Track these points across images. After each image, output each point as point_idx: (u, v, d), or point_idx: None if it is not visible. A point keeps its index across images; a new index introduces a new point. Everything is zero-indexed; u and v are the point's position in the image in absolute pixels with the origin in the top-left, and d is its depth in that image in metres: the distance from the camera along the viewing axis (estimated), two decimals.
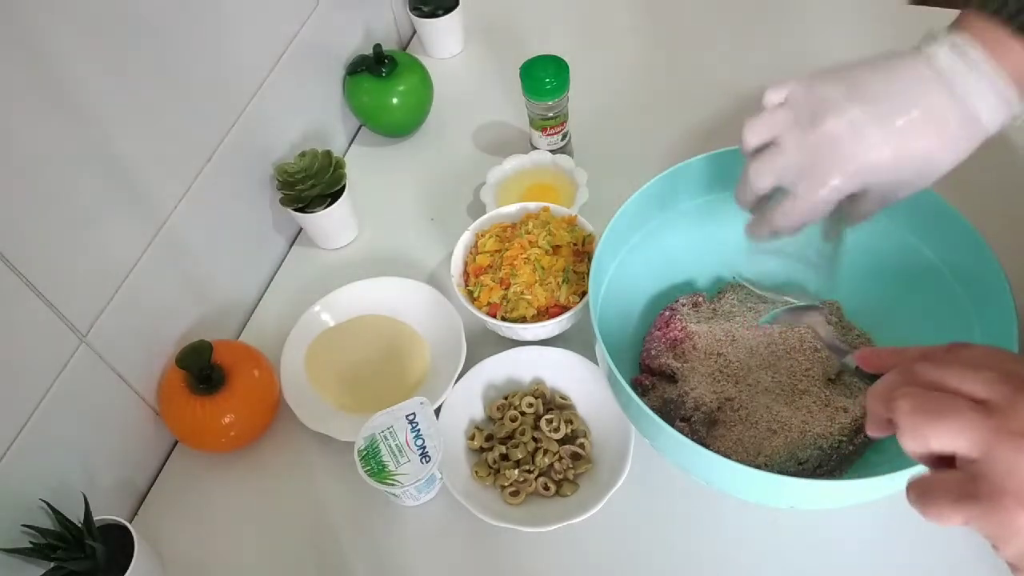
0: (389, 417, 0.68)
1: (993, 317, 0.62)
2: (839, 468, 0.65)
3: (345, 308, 0.83)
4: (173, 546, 0.72)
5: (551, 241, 0.77)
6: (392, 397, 0.74)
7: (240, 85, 0.82)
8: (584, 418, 0.74)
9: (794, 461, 0.65)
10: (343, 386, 0.79)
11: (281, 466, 0.76)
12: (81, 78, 0.62)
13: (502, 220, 0.82)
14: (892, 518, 0.66)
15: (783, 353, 0.70)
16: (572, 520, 0.66)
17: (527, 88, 0.86)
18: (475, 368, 0.75)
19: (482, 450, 0.73)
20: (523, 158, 0.91)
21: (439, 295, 0.81)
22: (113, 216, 0.68)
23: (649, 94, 1.01)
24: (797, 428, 0.65)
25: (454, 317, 0.79)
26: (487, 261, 0.78)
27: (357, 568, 0.69)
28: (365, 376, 0.79)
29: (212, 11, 0.76)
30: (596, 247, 0.68)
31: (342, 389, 0.79)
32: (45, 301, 0.62)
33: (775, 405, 0.67)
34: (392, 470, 0.66)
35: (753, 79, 1.00)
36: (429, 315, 0.81)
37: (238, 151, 0.82)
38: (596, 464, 0.71)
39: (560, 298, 0.75)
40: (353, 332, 0.82)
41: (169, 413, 0.73)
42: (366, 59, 0.96)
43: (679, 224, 0.75)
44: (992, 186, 0.84)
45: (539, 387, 0.75)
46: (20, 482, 0.63)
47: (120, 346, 0.70)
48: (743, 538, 0.67)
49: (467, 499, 0.68)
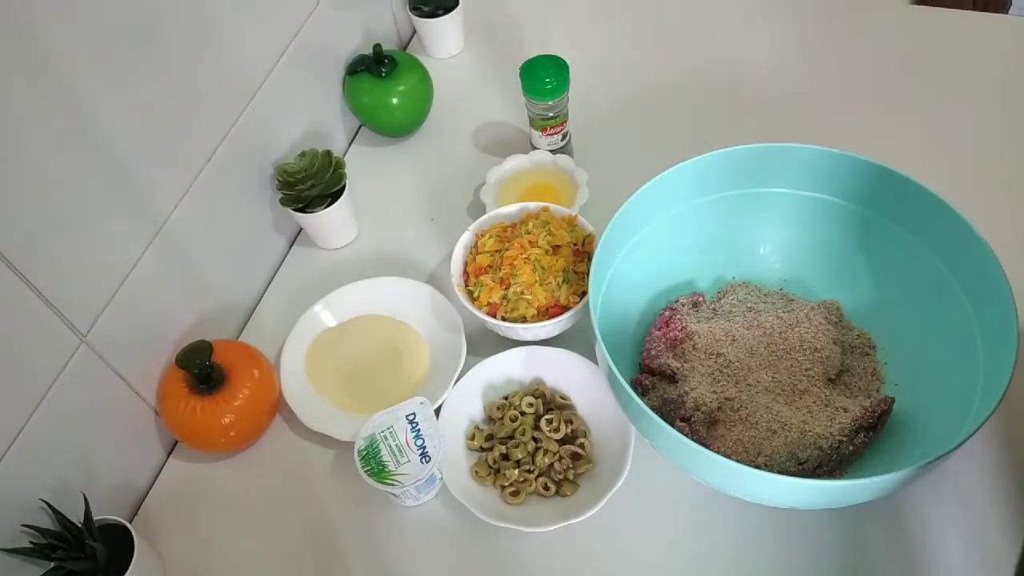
0: (389, 417, 0.68)
1: (993, 317, 0.62)
2: (839, 468, 0.65)
3: (345, 308, 0.83)
4: (173, 546, 0.72)
5: (551, 241, 0.77)
6: (392, 397, 0.75)
7: (240, 85, 0.82)
8: (584, 418, 0.74)
9: (794, 461, 0.65)
10: (343, 386, 0.79)
11: (281, 466, 0.76)
12: (81, 78, 0.62)
13: (502, 220, 0.82)
14: (891, 518, 0.66)
15: (783, 353, 0.70)
16: (572, 520, 0.66)
17: (527, 88, 0.86)
18: (475, 368, 0.75)
19: (482, 450, 0.73)
20: (523, 158, 0.91)
21: (439, 295, 0.81)
22: (113, 216, 0.68)
23: (649, 94, 1.01)
24: (797, 428, 0.65)
25: (454, 317, 0.79)
26: (487, 261, 0.78)
27: (357, 568, 0.69)
28: (365, 376, 0.79)
29: (212, 11, 0.76)
30: (596, 247, 0.68)
31: (342, 389, 0.79)
32: (45, 301, 0.62)
33: (775, 405, 0.67)
34: (392, 470, 0.66)
35: (753, 79, 1.00)
36: (429, 315, 0.81)
37: (238, 151, 0.82)
38: (596, 464, 0.71)
39: (560, 298, 0.75)
40: (353, 332, 0.82)
41: (169, 413, 0.73)
42: (366, 59, 0.96)
43: (679, 224, 0.75)
44: (992, 186, 0.84)
45: (539, 387, 0.75)
46: (20, 482, 0.63)
47: (120, 346, 0.70)
48: (743, 538, 0.67)
49: (467, 499, 0.68)
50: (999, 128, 0.90)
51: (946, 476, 0.67)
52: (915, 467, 0.54)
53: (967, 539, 0.65)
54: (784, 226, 0.77)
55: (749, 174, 0.74)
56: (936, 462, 0.54)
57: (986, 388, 0.59)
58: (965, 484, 0.67)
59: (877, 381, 0.71)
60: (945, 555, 0.64)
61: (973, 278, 0.65)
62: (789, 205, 0.75)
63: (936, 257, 0.68)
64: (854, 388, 0.71)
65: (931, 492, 0.67)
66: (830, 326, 0.71)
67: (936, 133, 0.91)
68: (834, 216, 0.74)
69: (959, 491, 0.67)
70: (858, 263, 0.74)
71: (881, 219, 0.72)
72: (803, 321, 0.71)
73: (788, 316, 0.72)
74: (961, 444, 0.54)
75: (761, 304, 0.75)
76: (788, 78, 0.98)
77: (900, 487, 0.57)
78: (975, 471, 0.67)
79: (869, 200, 0.72)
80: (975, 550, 0.64)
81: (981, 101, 0.93)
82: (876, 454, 0.66)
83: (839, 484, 0.56)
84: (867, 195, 0.72)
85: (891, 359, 0.72)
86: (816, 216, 0.75)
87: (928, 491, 0.67)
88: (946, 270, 0.68)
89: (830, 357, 0.70)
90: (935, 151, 0.88)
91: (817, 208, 0.74)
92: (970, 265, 0.65)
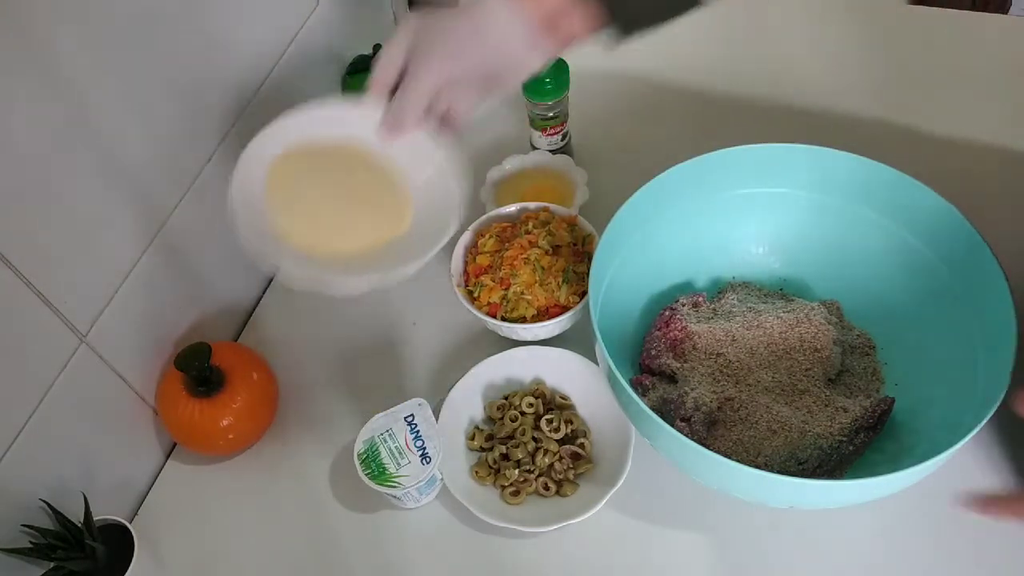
0: (388, 419, 0.68)
1: (993, 318, 0.62)
2: (839, 468, 0.65)
3: (325, 128, 0.67)
4: (173, 546, 0.72)
5: (551, 241, 0.77)
6: (354, 245, 0.65)
7: (240, 85, 0.82)
8: (584, 418, 0.74)
9: (794, 461, 0.65)
10: (304, 218, 0.65)
11: (280, 467, 0.76)
12: (81, 78, 0.62)
13: (502, 220, 0.82)
14: (892, 518, 0.66)
15: (783, 353, 0.70)
16: (572, 520, 0.66)
17: (527, 88, 0.86)
18: (475, 368, 0.75)
19: (482, 450, 0.73)
20: (523, 158, 0.91)
21: (442, 150, 0.67)
22: (113, 216, 0.68)
23: (649, 94, 1.01)
24: (797, 428, 0.65)
25: (449, 180, 0.67)
26: (487, 261, 0.78)
27: (356, 569, 0.69)
28: (330, 214, 0.66)
29: (212, 11, 0.76)
30: (596, 247, 0.68)
31: (303, 221, 0.65)
32: (45, 301, 0.62)
33: (775, 405, 0.67)
34: (393, 472, 0.66)
35: (753, 79, 1.00)
36: (419, 168, 0.68)
37: (238, 151, 0.81)
38: (596, 464, 0.71)
39: (560, 298, 0.75)
40: (328, 159, 0.67)
41: (167, 415, 0.73)
42: (366, 59, 0.96)
43: (679, 224, 0.75)
44: (992, 186, 0.84)
45: (539, 387, 0.75)
46: (20, 482, 0.63)
47: (120, 346, 0.70)
48: (743, 538, 0.67)
49: (467, 499, 0.68)
50: (999, 128, 0.89)
51: (947, 474, 0.67)
52: (915, 467, 0.54)
53: (966, 538, 0.65)
54: (784, 226, 0.77)
55: (748, 174, 0.74)
56: (936, 460, 0.55)
57: (987, 387, 0.59)
58: (966, 482, 0.67)
59: (877, 381, 0.71)
60: (945, 555, 0.64)
61: (973, 278, 0.65)
62: (789, 205, 0.75)
63: (936, 257, 0.68)
64: (854, 388, 0.71)
65: (931, 490, 0.67)
66: (830, 326, 0.71)
67: (936, 133, 0.91)
68: (834, 216, 0.74)
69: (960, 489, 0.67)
70: (858, 263, 0.74)
71: (881, 219, 0.72)
72: (803, 321, 0.71)
73: (788, 316, 0.72)
74: (962, 443, 0.54)
75: (761, 304, 0.75)
76: (788, 78, 0.98)
77: (900, 487, 0.57)
78: (977, 469, 0.67)
79: (868, 200, 0.72)
80: (974, 549, 0.64)
81: (981, 102, 0.92)
82: (876, 454, 0.66)
83: (839, 484, 0.56)
84: (866, 195, 0.71)
85: (891, 359, 0.72)
86: (816, 216, 0.75)
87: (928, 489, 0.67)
88: (946, 270, 0.68)
89: (830, 357, 0.70)
90: (935, 151, 0.88)
91: (817, 208, 0.74)
92: (970, 265, 0.65)
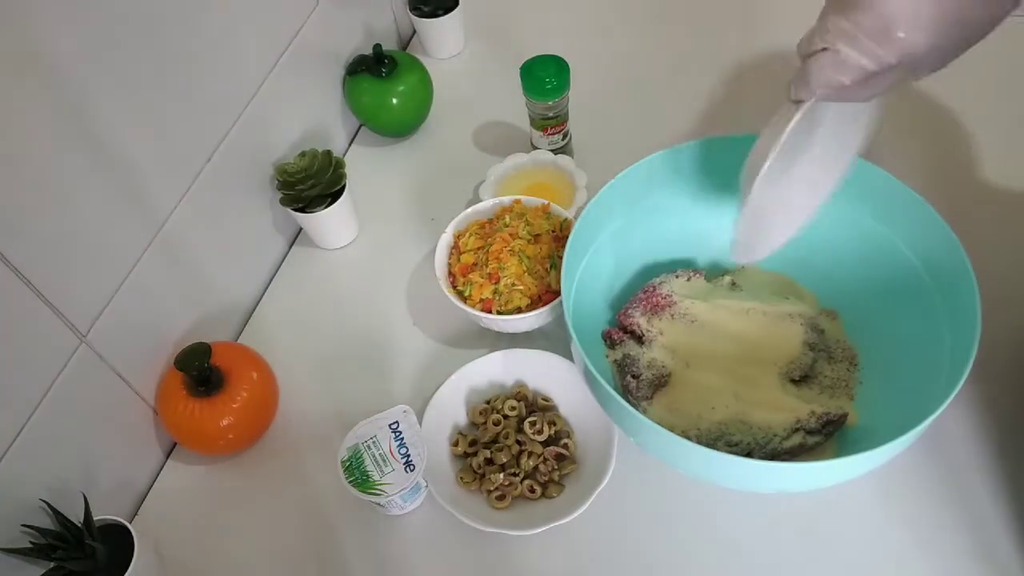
0: (372, 426, 0.68)
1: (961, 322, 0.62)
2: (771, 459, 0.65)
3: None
4: (173, 546, 0.72)
5: (530, 231, 0.77)
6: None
7: (240, 85, 0.82)
8: (567, 418, 0.74)
9: (724, 441, 0.66)
10: None
11: (280, 467, 0.76)
12: (81, 78, 0.62)
13: (478, 217, 0.82)
14: (881, 505, 0.66)
15: (752, 342, 0.71)
16: (559, 521, 0.66)
17: (527, 88, 0.86)
18: (456, 373, 0.75)
19: (466, 455, 0.72)
20: (523, 157, 0.91)
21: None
22: (113, 216, 0.68)
23: (650, 94, 1.01)
24: (737, 411, 0.67)
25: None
26: (472, 259, 0.78)
27: (355, 569, 0.69)
28: None
29: (212, 11, 0.76)
30: (568, 241, 0.70)
31: None
32: (45, 301, 0.62)
33: (726, 386, 0.69)
34: (377, 479, 0.66)
35: (755, 81, 1.00)
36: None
37: (238, 151, 0.82)
38: (581, 464, 0.71)
39: (552, 283, 0.75)
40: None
41: (167, 415, 0.73)
42: (366, 59, 0.96)
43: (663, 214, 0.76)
44: (993, 188, 0.84)
45: (521, 389, 0.75)
46: (20, 482, 0.63)
47: (120, 346, 0.70)
48: (732, 529, 0.67)
49: (453, 506, 0.67)
50: (1000, 128, 0.89)
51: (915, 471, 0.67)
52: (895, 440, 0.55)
53: (956, 528, 0.64)
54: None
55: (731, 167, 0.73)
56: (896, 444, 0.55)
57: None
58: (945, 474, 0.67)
59: (845, 396, 0.70)
60: (936, 544, 0.64)
61: (949, 287, 0.65)
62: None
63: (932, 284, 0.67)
64: (814, 394, 0.70)
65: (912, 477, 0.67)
66: (810, 330, 0.71)
67: (936, 132, 0.90)
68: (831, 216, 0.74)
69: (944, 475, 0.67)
70: (857, 275, 0.74)
71: (877, 226, 0.71)
72: (784, 319, 0.71)
73: (771, 309, 0.72)
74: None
75: (753, 296, 0.75)
76: (788, 78, 0.98)
77: (886, 461, 0.57)
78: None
79: (866, 201, 0.71)
80: (965, 537, 0.64)
81: (981, 102, 0.92)
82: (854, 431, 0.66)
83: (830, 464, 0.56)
84: (865, 195, 0.71)
85: (869, 381, 0.70)
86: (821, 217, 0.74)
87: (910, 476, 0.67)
88: (927, 278, 0.67)
89: (799, 358, 0.70)
90: (935, 150, 0.88)
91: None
92: (947, 274, 0.65)
